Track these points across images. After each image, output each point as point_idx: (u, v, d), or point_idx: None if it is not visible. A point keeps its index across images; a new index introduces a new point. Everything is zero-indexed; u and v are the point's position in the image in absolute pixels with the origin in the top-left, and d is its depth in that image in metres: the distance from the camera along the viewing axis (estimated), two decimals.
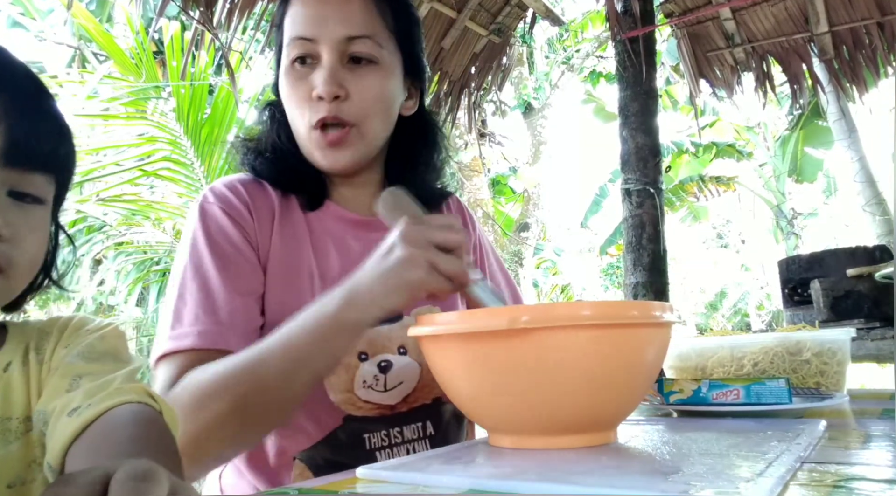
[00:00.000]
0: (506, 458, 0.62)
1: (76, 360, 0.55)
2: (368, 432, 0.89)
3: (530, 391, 0.62)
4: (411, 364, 0.91)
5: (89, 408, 0.49)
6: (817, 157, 9.48)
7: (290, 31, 0.90)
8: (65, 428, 0.48)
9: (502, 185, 10.26)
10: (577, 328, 0.61)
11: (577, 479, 0.50)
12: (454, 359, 0.67)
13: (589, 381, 0.62)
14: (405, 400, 0.91)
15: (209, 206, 0.89)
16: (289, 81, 0.90)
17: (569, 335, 0.61)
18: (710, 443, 0.63)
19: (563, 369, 0.61)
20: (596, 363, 0.62)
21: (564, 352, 0.61)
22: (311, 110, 0.88)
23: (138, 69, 3.96)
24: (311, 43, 0.88)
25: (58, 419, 0.50)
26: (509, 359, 0.62)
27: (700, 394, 0.86)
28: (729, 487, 0.45)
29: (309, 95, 0.88)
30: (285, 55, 0.90)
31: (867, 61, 2.69)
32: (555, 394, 0.62)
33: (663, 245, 2.52)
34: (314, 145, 0.90)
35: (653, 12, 2.62)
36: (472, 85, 2.89)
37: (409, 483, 0.55)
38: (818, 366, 0.97)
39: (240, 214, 0.88)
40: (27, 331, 0.58)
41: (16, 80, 0.53)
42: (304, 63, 0.89)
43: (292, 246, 0.90)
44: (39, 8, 7.20)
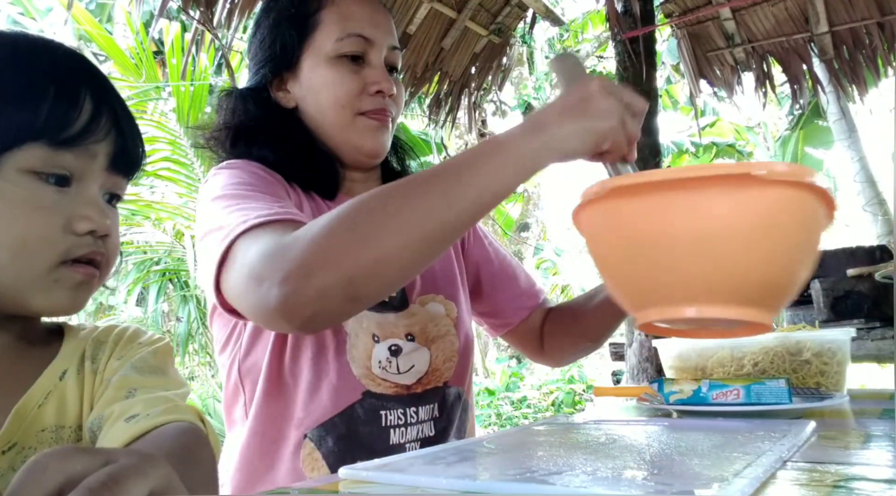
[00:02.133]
0: (488, 459, 0.62)
1: (130, 372, 0.57)
2: (385, 409, 0.92)
3: (684, 255, 0.56)
4: (420, 349, 0.95)
5: (148, 419, 0.51)
6: (817, 157, 9.48)
7: (344, 25, 0.94)
8: (121, 432, 0.50)
9: None
10: (800, 186, 0.55)
11: (555, 480, 0.50)
12: (610, 224, 0.60)
13: (746, 246, 0.55)
14: (419, 381, 0.95)
15: (234, 161, 0.89)
16: (338, 72, 0.93)
17: (793, 193, 0.55)
18: (696, 442, 0.64)
19: (752, 229, 0.55)
20: (758, 227, 0.55)
21: (775, 211, 0.55)
22: (363, 100, 0.94)
23: (138, 69, 3.96)
24: (367, 42, 0.95)
25: (114, 423, 0.52)
26: (669, 216, 0.56)
27: (700, 394, 0.86)
28: (702, 486, 0.45)
29: (361, 89, 0.94)
30: (332, 47, 0.93)
31: (867, 61, 2.69)
32: (732, 255, 0.55)
33: None
34: (361, 128, 0.94)
35: (653, 12, 2.62)
36: (472, 85, 2.89)
37: (390, 483, 0.55)
38: (818, 366, 0.97)
39: (270, 173, 0.89)
40: (83, 337, 0.60)
41: (120, 98, 0.59)
42: (355, 59, 0.94)
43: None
44: (39, 7, 7.19)
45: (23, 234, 0.52)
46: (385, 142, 0.98)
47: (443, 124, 2.95)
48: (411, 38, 2.55)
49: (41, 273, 0.53)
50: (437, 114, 2.88)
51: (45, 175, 0.53)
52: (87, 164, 0.55)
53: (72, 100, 0.53)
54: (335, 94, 0.94)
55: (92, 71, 0.57)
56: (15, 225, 0.51)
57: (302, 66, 0.96)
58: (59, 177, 0.53)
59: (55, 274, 0.53)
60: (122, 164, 0.57)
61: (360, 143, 0.96)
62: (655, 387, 0.91)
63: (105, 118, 0.55)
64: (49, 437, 0.54)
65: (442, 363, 0.99)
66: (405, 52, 2.59)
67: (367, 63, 0.95)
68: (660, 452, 0.60)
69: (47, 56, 0.55)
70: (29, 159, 0.52)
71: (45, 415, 0.54)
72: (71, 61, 0.56)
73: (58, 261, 0.53)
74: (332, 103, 0.94)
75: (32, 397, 0.54)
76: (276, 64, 0.97)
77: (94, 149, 0.54)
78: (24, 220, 0.52)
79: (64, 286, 0.54)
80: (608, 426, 0.81)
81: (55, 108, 0.52)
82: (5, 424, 0.52)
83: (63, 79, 0.54)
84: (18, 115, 0.51)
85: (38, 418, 0.54)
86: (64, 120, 0.52)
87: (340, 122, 0.94)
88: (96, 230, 0.55)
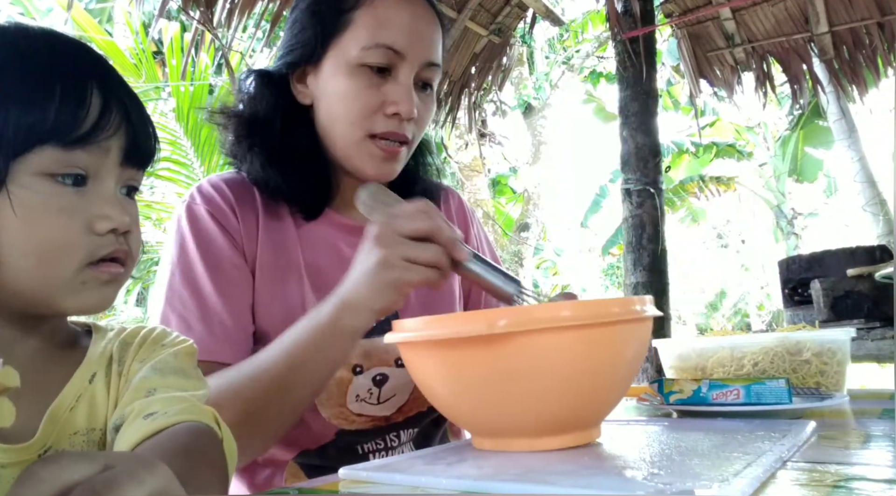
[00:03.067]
0: (487, 459, 0.62)
1: (150, 374, 0.57)
2: (361, 443, 0.89)
3: (510, 394, 0.62)
4: (404, 375, 0.89)
5: (165, 417, 0.51)
6: (817, 156, 9.48)
7: (375, 32, 0.84)
8: (139, 429, 0.50)
9: (502, 185, 10.26)
10: (558, 330, 0.59)
11: (555, 480, 0.50)
12: (432, 364, 0.66)
13: (570, 382, 0.62)
14: (399, 410, 0.91)
15: (197, 207, 0.86)
16: (358, 83, 0.84)
17: (549, 338, 0.59)
18: (696, 442, 0.64)
19: (544, 371, 0.60)
20: (578, 363, 0.61)
21: (545, 355, 0.60)
22: (376, 121, 0.85)
23: (138, 69, 3.96)
24: (396, 55, 0.84)
25: (133, 421, 0.52)
26: (487, 363, 0.61)
27: (700, 394, 0.86)
28: (702, 486, 0.45)
29: (378, 105, 0.85)
30: (357, 55, 0.84)
31: (867, 61, 2.69)
32: (535, 396, 0.61)
33: (663, 245, 2.52)
34: (366, 154, 0.86)
35: (653, 12, 2.62)
36: (472, 85, 2.89)
37: (390, 483, 0.55)
38: (818, 366, 0.97)
39: (226, 218, 0.86)
40: (110, 339, 0.60)
41: (128, 87, 0.58)
42: (380, 72, 0.85)
43: (280, 252, 0.88)
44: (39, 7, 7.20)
45: (45, 239, 0.51)
46: (394, 170, 0.89)
47: (443, 124, 2.96)
48: None
49: (68, 276, 0.52)
50: (437, 114, 2.88)
51: (61, 176, 0.52)
52: (102, 161, 0.54)
53: (79, 96, 0.52)
54: (348, 108, 0.85)
55: (97, 62, 0.56)
56: (36, 231, 0.51)
57: (325, 64, 0.87)
58: (75, 176, 0.52)
59: (81, 276, 0.53)
60: (135, 156, 0.56)
61: (361, 167, 0.88)
62: (655, 387, 0.91)
63: (115, 111, 0.54)
64: (81, 440, 0.54)
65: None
66: None
67: (392, 78, 0.85)
68: (660, 452, 0.60)
69: (49, 51, 0.54)
70: (42, 162, 0.51)
71: (77, 418, 0.54)
72: (75, 54, 0.55)
73: (83, 263, 0.53)
74: (344, 117, 0.86)
75: (64, 400, 0.54)
76: (301, 55, 0.88)
77: (106, 144, 0.53)
78: (45, 225, 0.51)
79: (92, 287, 0.54)
80: (608, 426, 0.81)
81: (63, 107, 0.51)
82: (40, 427, 0.52)
83: (68, 74, 0.53)
84: (26, 117, 0.50)
85: (70, 421, 0.54)
86: (73, 118, 0.51)
87: (348, 139, 0.86)
88: (117, 228, 0.54)
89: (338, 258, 0.90)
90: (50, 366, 0.56)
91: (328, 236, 0.92)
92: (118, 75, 0.58)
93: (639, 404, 0.99)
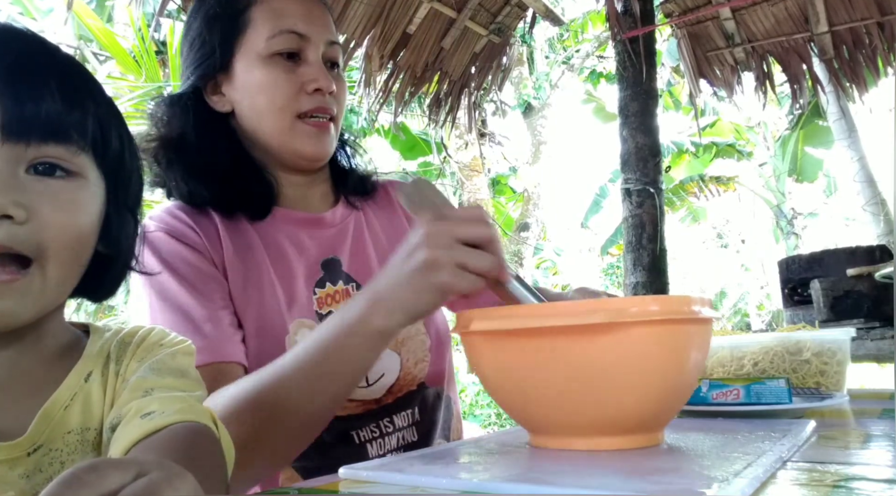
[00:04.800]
0: (488, 459, 0.62)
1: (147, 374, 0.56)
2: (355, 429, 0.88)
3: (582, 389, 0.59)
4: (391, 355, 0.91)
5: (163, 416, 0.50)
6: (817, 156, 9.48)
7: (276, 22, 0.89)
8: (136, 428, 0.50)
9: (502, 185, 10.26)
10: (648, 324, 0.58)
11: (555, 480, 0.50)
12: (506, 357, 0.63)
13: (646, 380, 0.60)
14: (390, 391, 0.91)
15: (152, 234, 0.84)
16: (274, 71, 0.89)
17: (639, 331, 0.58)
18: (696, 442, 0.64)
19: (630, 365, 0.59)
20: (662, 359, 0.60)
21: (633, 348, 0.58)
22: (301, 101, 0.89)
23: (139, 68, 3.96)
24: (301, 39, 0.90)
25: (131, 420, 0.51)
26: (575, 355, 0.59)
27: (700, 393, 0.86)
28: (702, 486, 0.45)
29: (298, 88, 0.89)
30: (264, 46, 0.89)
31: (867, 61, 2.69)
32: (609, 392, 0.59)
33: (663, 245, 2.52)
34: (300, 134, 0.90)
35: (653, 12, 2.62)
36: (472, 85, 2.89)
37: (389, 483, 0.55)
38: (818, 366, 0.97)
39: (185, 235, 0.85)
40: (108, 339, 0.59)
41: (18, 48, 0.50)
42: (290, 57, 0.90)
43: (247, 258, 0.88)
44: (39, 7, 7.20)
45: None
46: (328, 145, 0.93)
47: (443, 124, 2.95)
48: (411, 38, 2.55)
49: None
50: (437, 114, 2.88)
51: None
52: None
53: None
54: (271, 96, 0.89)
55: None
56: None
57: (235, 67, 0.90)
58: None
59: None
60: (22, 129, 0.48)
61: (300, 148, 0.91)
62: None
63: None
64: (75, 439, 0.54)
65: (413, 365, 0.94)
66: (405, 52, 2.59)
67: (303, 60, 0.90)
68: (660, 452, 0.60)
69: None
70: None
71: (71, 417, 0.54)
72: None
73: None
74: (269, 106, 0.89)
75: (59, 399, 0.53)
76: (209, 66, 0.91)
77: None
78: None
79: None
80: None
81: None
82: (31, 425, 0.51)
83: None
84: None
85: (63, 420, 0.53)
86: None
87: (279, 126, 0.89)
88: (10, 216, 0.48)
89: (302, 250, 0.92)
90: (48, 365, 0.55)
91: (288, 231, 0.93)
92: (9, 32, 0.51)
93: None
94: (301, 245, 0.93)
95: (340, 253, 0.95)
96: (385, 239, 1.01)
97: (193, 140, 0.90)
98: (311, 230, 0.95)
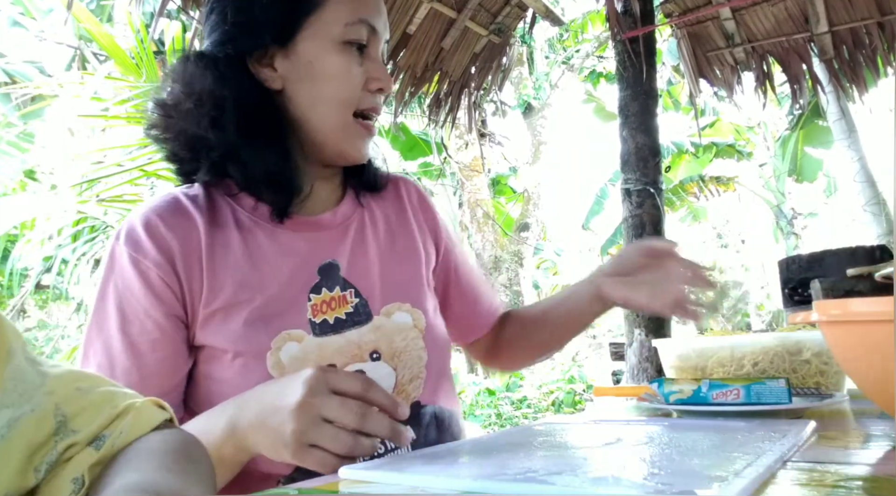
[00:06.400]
0: (488, 459, 0.62)
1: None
2: None
3: None
4: (384, 369, 0.85)
5: (122, 436, 0.50)
6: (817, 156, 9.48)
7: (355, 7, 0.83)
8: (89, 457, 0.49)
9: (502, 185, 10.26)
10: None
11: (555, 480, 0.50)
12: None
13: None
14: None
15: (119, 251, 0.80)
16: (346, 62, 0.83)
17: None
18: (696, 442, 0.63)
19: None
20: None
21: None
22: (363, 99, 0.85)
23: (139, 69, 3.96)
24: (371, 32, 0.85)
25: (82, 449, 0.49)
26: None
27: (700, 393, 0.86)
28: (702, 486, 0.45)
29: (361, 83, 0.84)
30: (340, 31, 0.82)
31: (867, 61, 2.69)
32: None
33: None
34: (353, 135, 0.85)
35: (653, 12, 2.62)
36: (472, 85, 2.89)
37: (390, 483, 0.55)
38: (818, 366, 0.97)
39: (148, 266, 0.79)
40: None
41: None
42: (360, 49, 0.84)
43: (227, 264, 0.82)
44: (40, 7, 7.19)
45: None
46: (369, 151, 0.90)
47: (443, 124, 2.95)
48: (411, 38, 2.55)
49: None
50: (437, 114, 2.88)
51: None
52: None
53: None
54: (338, 86, 0.83)
55: None
56: None
57: (299, 45, 0.82)
58: None
59: None
60: None
61: (348, 148, 0.86)
62: (655, 387, 0.91)
63: None
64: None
65: (408, 382, 0.88)
66: (405, 52, 2.59)
67: (366, 55, 0.85)
68: (660, 452, 0.60)
69: None
70: None
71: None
72: None
73: None
74: (332, 97, 0.83)
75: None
76: (267, 34, 0.82)
77: None
78: None
79: None
80: (608, 426, 0.81)
81: None
82: None
83: None
84: None
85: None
86: None
87: (334, 120, 0.84)
88: None
89: (294, 253, 0.86)
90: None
91: (279, 232, 0.86)
92: None
93: (639, 404, 0.99)
94: (295, 248, 0.86)
95: (339, 256, 0.88)
96: (390, 236, 0.95)
97: (233, 111, 0.80)
98: (309, 232, 0.88)
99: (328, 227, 0.90)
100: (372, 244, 0.93)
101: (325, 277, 0.86)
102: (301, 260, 0.86)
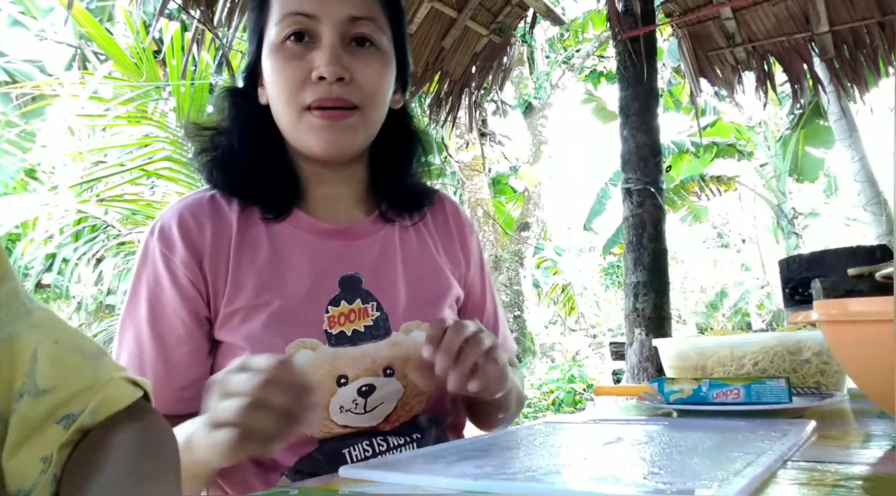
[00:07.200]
0: (488, 458, 0.62)
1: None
2: (348, 447, 0.83)
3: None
4: (394, 385, 0.84)
5: (90, 415, 0.49)
6: (818, 156, 9.47)
7: (282, 6, 0.83)
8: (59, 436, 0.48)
9: (503, 185, 10.26)
10: None
11: (553, 479, 0.50)
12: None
13: None
14: (387, 419, 0.85)
15: (153, 246, 0.83)
16: (280, 60, 0.82)
17: None
18: (696, 442, 0.64)
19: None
20: None
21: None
22: (308, 92, 0.81)
23: (138, 69, 3.96)
24: (310, 19, 0.82)
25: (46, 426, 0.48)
26: None
27: (700, 393, 0.86)
28: (702, 486, 0.45)
29: (306, 76, 0.81)
30: (275, 33, 0.83)
31: (868, 61, 2.69)
32: None
33: (664, 244, 2.52)
34: (307, 128, 0.83)
35: (653, 12, 2.62)
36: (472, 84, 2.89)
37: (390, 482, 0.55)
38: (818, 366, 0.97)
39: (177, 265, 0.82)
40: None
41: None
42: (300, 40, 0.82)
43: (253, 267, 0.84)
44: (40, 7, 7.19)
45: None
46: (344, 140, 0.84)
47: (443, 124, 2.95)
48: (412, 37, 2.55)
49: None
50: (438, 113, 2.88)
51: None
52: None
53: None
54: (279, 87, 0.83)
55: None
56: None
57: (262, 57, 0.86)
58: None
59: None
60: None
61: (309, 144, 0.84)
62: (655, 387, 0.91)
63: None
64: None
65: (413, 397, 0.86)
66: None
67: (315, 43, 0.82)
68: (660, 452, 0.60)
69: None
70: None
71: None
72: None
73: None
74: (278, 97, 0.83)
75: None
76: (251, 57, 0.88)
77: None
78: None
79: None
80: (608, 426, 0.81)
81: None
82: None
83: None
84: None
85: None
86: None
87: (289, 118, 0.83)
88: None
89: (316, 262, 0.86)
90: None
91: (303, 240, 0.88)
92: None
93: (639, 403, 0.99)
94: (318, 257, 0.86)
95: (363, 268, 0.87)
96: (423, 255, 0.94)
97: (235, 130, 0.88)
98: (333, 241, 0.88)
99: (354, 236, 0.90)
100: (400, 259, 0.91)
101: (346, 289, 0.85)
102: (323, 269, 0.86)
